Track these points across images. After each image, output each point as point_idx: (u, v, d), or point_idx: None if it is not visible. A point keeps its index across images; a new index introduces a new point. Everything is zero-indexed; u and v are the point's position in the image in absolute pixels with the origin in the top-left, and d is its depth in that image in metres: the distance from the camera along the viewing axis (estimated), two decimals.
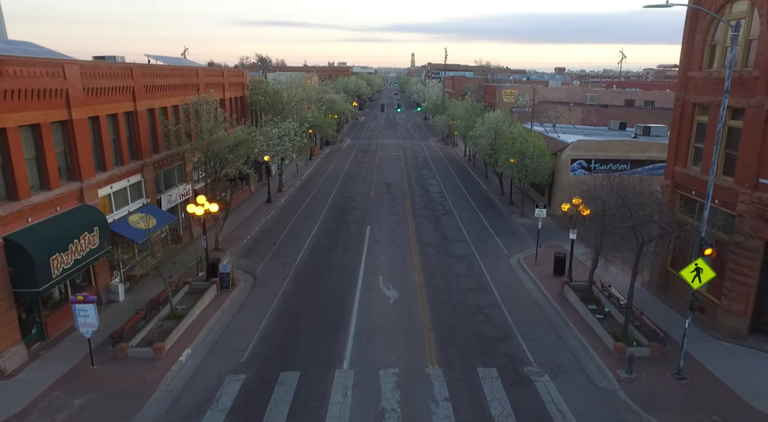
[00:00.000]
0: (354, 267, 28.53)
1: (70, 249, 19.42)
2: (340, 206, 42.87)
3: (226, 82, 41.01)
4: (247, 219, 39.29)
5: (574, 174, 40.80)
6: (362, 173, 58.00)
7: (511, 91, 62.82)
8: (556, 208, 40.93)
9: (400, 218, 39.32)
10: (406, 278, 27.02)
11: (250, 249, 32.09)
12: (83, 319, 16.97)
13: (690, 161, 23.38)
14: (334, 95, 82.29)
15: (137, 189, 26.92)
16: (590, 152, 40.57)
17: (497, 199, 46.91)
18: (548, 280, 27.31)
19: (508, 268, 29.43)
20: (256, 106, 48.06)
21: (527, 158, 38.50)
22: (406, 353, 19.40)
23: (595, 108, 57.83)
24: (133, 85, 25.87)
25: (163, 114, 29.69)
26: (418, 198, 46.44)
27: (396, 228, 36.47)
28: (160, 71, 29.13)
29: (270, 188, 44.42)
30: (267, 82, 48.33)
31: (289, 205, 43.45)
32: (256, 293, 25.36)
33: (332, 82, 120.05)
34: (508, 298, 24.95)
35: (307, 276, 27.32)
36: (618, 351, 19.29)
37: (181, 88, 31.89)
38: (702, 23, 21.73)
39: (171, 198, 30.28)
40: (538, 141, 39.38)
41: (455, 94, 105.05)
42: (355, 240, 33.58)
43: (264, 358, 19.13)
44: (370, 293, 25.04)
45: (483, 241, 34.20)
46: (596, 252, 23.02)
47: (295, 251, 31.48)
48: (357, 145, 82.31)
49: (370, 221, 38.31)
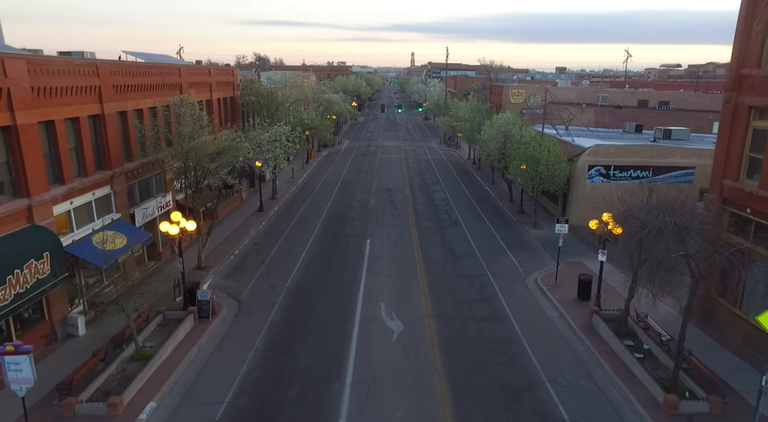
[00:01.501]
0: (352, 292, 25.23)
1: (8, 282, 16.13)
2: (337, 216, 39.58)
3: (214, 82, 37.70)
4: (236, 230, 36.00)
5: (592, 181, 37.59)
6: (361, 178, 54.70)
7: (518, 91, 59.55)
8: (572, 217, 37.72)
9: (403, 230, 36.03)
10: (411, 305, 23.74)
11: (237, 268, 28.79)
12: (14, 375, 13.66)
13: (743, 174, 20.12)
14: (332, 95, 78.90)
15: (105, 203, 23.61)
16: (609, 158, 37.31)
17: (506, 206, 43.65)
18: (573, 307, 24.06)
19: (525, 291, 26.16)
20: (247, 108, 44.74)
21: (541, 165, 35.22)
22: (414, 408, 16.12)
23: (609, 109, 54.56)
24: (99, 85, 22.55)
25: (139, 117, 26.41)
26: (421, 206, 43.15)
27: (399, 242, 33.17)
28: (134, 69, 25.82)
29: (262, 195, 41.11)
30: (259, 82, 45.03)
31: (283, 215, 40.15)
32: (240, 324, 22.05)
33: (331, 82, 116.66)
34: (529, 331, 21.67)
35: (299, 303, 24.03)
36: (669, 406, 16.02)
37: (160, 88, 28.59)
38: (763, 12, 18.45)
39: (147, 211, 26.96)
40: (553, 146, 36.11)
41: (457, 94, 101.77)
42: (354, 257, 30.28)
43: (243, 415, 15.84)
44: (371, 325, 21.74)
45: (495, 257, 30.93)
46: (633, 280, 19.77)
47: (286, 270, 28.18)
48: (356, 146, 79.00)
49: (370, 233, 35.02)
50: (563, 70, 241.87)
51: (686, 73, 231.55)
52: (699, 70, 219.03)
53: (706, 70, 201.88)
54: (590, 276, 24.96)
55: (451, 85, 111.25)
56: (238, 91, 43.77)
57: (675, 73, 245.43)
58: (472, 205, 44.22)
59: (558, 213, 40.24)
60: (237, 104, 43.42)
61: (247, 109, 45.19)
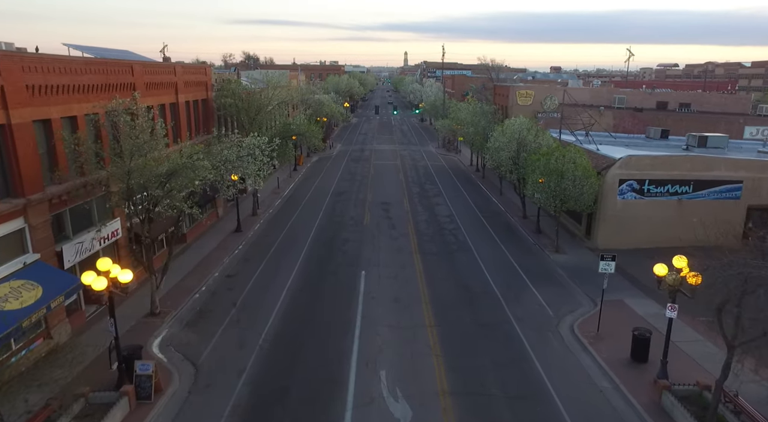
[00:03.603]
0: (343, 352, 19.65)
1: None
2: (326, 238, 33.99)
3: (181, 82, 32.00)
4: (206, 257, 30.37)
5: (623, 198, 32.29)
6: (354, 188, 49.13)
7: (526, 92, 54.22)
8: (599, 239, 32.47)
9: (404, 257, 30.51)
10: (421, 374, 18.20)
11: (201, 312, 23.19)
12: None
13: None
14: (321, 95, 73.22)
15: (14, 241, 17.91)
16: (643, 170, 32.01)
17: (519, 223, 38.25)
18: (628, 372, 18.66)
19: (561, 346, 20.73)
20: (224, 112, 39.06)
21: (566, 180, 29.83)
22: None
23: (629, 112, 49.32)
24: (1, 85, 16.87)
25: (70, 127, 20.72)
26: (423, 224, 37.65)
27: (400, 275, 27.66)
28: (62, 65, 20.10)
29: (240, 213, 35.44)
30: (238, 82, 39.36)
31: (263, 236, 34.54)
32: (193, 408, 16.43)
33: (322, 82, 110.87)
34: (579, 414, 16.24)
35: (274, 372, 18.42)
36: None
37: (104, 90, 22.90)
38: None
39: (83, 246, 21.26)
40: (580, 157, 30.73)
41: (455, 95, 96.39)
42: (345, 297, 24.73)
43: None
44: (368, 410, 16.18)
45: (517, 294, 25.51)
46: (730, 353, 14.42)
47: (261, 317, 22.60)
48: (349, 151, 73.41)
49: (365, 262, 29.47)
50: (558, 69, 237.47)
51: (684, 73, 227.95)
52: (695, 70, 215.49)
53: (704, 69, 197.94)
54: (648, 332, 19.52)
55: (449, 85, 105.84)
56: (213, 93, 38.11)
57: (672, 72, 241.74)
58: (481, 221, 38.79)
59: (581, 234, 34.93)
60: (211, 108, 37.73)
61: (223, 114, 39.51)
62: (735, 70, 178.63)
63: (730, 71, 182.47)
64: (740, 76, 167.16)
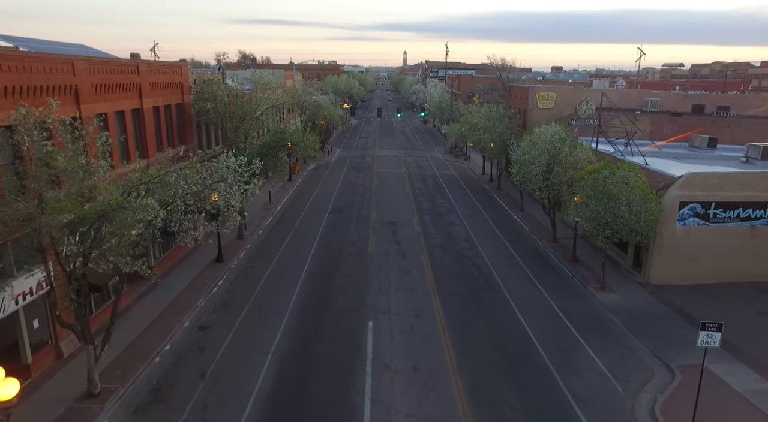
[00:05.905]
0: None
1: None
2: (324, 272, 28.24)
3: (146, 83, 26.23)
4: (176, 299, 24.69)
5: (683, 224, 26.68)
6: (356, 203, 43.40)
7: (548, 94, 48.51)
8: (654, 273, 26.98)
9: (420, 299, 24.79)
10: None
11: (159, 390, 17.46)
12: None
13: None
14: (319, 97, 67.42)
15: None
16: (709, 191, 26.39)
17: (549, 248, 32.55)
18: None
19: None
20: (204, 118, 33.29)
21: (622, 205, 24.14)
22: None
23: (667, 117, 43.59)
24: None
25: None
26: (438, 251, 31.92)
27: (416, 328, 21.93)
28: None
29: (221, 240, 29.63)
30: (221, 83, 33.62)
31: (248, 268, 28.81)
32: None
33: (320, 82, 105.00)
34: None
35: None
36: None
37: (33, 94, 17.18)
38: None
39: None
40: (636, 176, 25.05)
41: (461, 96, 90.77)
42: (349, 366, 18.97)
43: None
44: None
45: (568, 358, 19.81)
46: None
47: (237, 399, 16.88)
48: (349, 157, 67.67)
49: (371, 308, 23.75)
50: (559, 69, 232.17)
51: (690, 73, 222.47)
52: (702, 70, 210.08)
53: (714, 69, 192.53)
54: None
55: (454, 85, 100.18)
56: (191, 96, 32.34)
57: (678, 72, 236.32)
58: (505, 246, 33.07)
59: (627, 265, 29.25)
60: (188, 114, 31.93)
61: (204, 121, 33.77)
62: (745, 70, 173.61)
63: (739, 71, 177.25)
64: (751, 76, 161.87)
